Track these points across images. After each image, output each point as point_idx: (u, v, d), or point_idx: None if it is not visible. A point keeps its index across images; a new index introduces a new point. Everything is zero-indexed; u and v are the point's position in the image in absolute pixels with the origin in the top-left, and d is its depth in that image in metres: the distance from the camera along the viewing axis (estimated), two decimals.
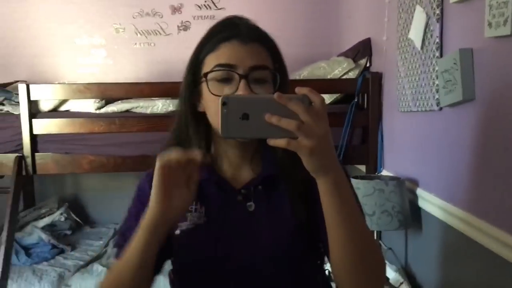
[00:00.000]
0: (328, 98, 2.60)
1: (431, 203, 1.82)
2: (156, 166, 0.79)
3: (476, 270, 1.50)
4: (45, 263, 2.76)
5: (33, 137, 2.48)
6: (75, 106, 2.61)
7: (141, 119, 2.51)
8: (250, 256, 0.92)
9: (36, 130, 2.48)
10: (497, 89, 1.34)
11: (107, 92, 2.55)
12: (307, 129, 0.69)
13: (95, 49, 3.69)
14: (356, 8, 3.13)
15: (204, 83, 0.92)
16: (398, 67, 2.13)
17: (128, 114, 2.60)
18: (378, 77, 2.50)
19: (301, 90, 0.72)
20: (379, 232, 2.26)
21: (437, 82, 1.70)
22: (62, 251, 2.94)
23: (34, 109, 2.52)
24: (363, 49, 2.69)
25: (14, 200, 2.47)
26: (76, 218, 3.47)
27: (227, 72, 0.89)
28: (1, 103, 2.62)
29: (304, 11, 3.69)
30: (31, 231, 2.96)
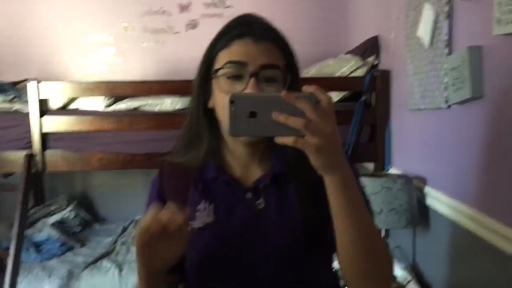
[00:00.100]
0: (336, 96, 2.60)
1: (439, 201, 1.81)
2: (137, 234, 0.79)
3: (485, 269, 1.49)
4: (55, 260, 2.79)
5: (43, 135, 2.50)
6: (84, 104, 2.63)
7: (150, 117, 2.52)
8: (259, 253, 0.93)
9: (46, 128, 2.49)
10: (506, 87, 1.33)
11: (116, 90, 2.56)
12: (314, 127, 0.69)
13: (104, 48, 3.71)
14: (364, 6, 3.12)
15: (215, 79, 0.92)
16: (406, 65, 2.12)
17: (137, 112, 2.61)
18: (386, 75, 2.49)
19: (308, 89, 0.72)
20: (387, 230, 2.26)
21: (446, 80, 1.69)
22: (72, 248, 2.97)
23: (44, 107, 2.53)
24: (371, 47, 2.68)
25: (24, 197, 2.48)
26: (85, 215, 3.51)
27: (238, 70, 0.89)
28: (12, 101, 2.65)
29: (312, 9, 3.68)
30: (41, 228, 2.99)
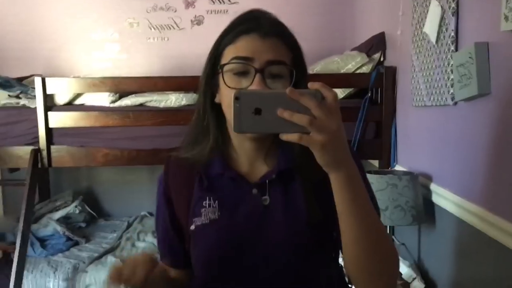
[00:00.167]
0: (341, 93, 2.59)
1: (445, 198, 1.80)
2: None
3: (490, 266, 1.48)
4: (60, 255, 2.81)
5: (49, 130, 2.51)
6: (90, 100, 2.64)
7: (155, 113, 2.52)
8: (265, 249, 0.92)
9: (52, 124, 2.50)
10: None
11: (121, 86, 2.57)
12: (319, 124, 0.69)
13: (109, 44, 3.72)
14: (370, 2, 3.10)
15: (221, 75, 0.91)
16: (413, 61, 2.11)
17: (142, 108, 2.61)
18: (392, 72, 2.47)
19: (314, 85, 0.71)
20: (392, 227, 2.25)
21: (452, 77, 1.68)
22: (77, 243, 2.99)
23: (50, 103, 2.54)
24: (377, 43, 2.67)
25: (30, 193, 2.50)
26: (91, 211, 3.52)
27: (244, 65, 0.89)
28: (18, 97, 2.66)
29: (318, 5, 3.67)
30: (47, 223, 3.01)
